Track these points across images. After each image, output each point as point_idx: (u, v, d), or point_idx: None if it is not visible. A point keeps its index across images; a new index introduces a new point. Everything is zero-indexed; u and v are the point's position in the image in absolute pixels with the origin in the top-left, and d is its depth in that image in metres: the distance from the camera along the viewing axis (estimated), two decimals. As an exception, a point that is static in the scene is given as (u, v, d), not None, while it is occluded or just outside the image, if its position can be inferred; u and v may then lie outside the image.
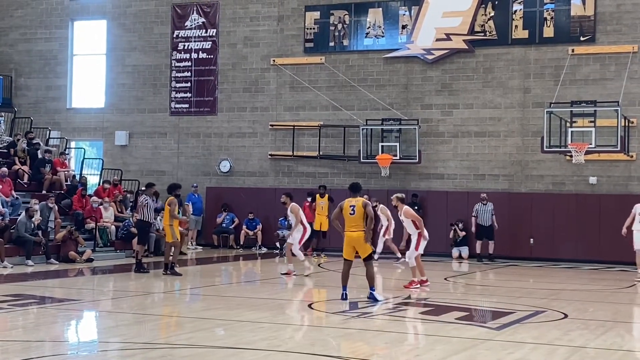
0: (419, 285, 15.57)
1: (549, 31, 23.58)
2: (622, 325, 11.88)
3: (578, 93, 22.91)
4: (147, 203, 18.43)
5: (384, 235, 21.32)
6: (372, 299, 13.33)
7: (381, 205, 21.13)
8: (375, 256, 20.76)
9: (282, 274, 17.84)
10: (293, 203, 18.17)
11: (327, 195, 23.45)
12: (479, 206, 22.88)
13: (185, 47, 27.33)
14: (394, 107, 24.81)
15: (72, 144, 28.00)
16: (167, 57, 27.55)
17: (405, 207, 15.83)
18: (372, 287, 13.48)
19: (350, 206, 13.37)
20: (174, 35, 27.47)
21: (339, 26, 25.64)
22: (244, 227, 25.41)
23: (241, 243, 25.35)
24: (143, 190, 21.07)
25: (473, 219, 22.92)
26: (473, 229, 22.94)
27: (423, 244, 15.75)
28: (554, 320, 11.90)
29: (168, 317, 12.12)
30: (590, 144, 20.50)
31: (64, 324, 11.38)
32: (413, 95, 24.89)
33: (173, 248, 17.47)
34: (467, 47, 24.32)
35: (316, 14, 25.90)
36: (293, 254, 17.85)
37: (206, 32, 27.12)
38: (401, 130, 24.20)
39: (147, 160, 27.65)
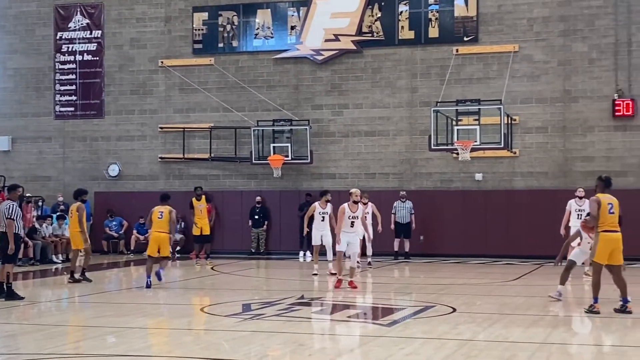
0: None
1: (434, 32, 24.09)
2: (508, 317, 12.23)
3: (463, 92, 23.49)
4: (14, 210, 13.99)
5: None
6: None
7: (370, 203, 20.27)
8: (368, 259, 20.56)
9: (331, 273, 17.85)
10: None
11: (204, 197, 22.84)
12: (398, 203, 22.95)
13: (70, 49, 26.64)
14: (285, 108, 24.86)
15: (-49, 151, 26.91)
16: (50, 60, 26.79)
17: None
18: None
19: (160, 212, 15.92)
20: (57, 37, 26.74)
21: (228, 27, 25.50)
22: (135, 231, 24.96)
23: (132, 248, 24.90)
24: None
25: (392, 216, 22.97)
26: (392, 226, 22.94)
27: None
28: (443, 315, 12.15)
29: (55, 327, 11.77)
30: (476, 142, 21.08)
31: (-57, 338, 10.89)
32: (303, 95, 25.00)
33: (83, 254, 17.26)
34: (355, 48, 24.59)
35: (204, 15, 25.68)
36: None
37: (91, 33, 26.51)
38: (292, 130, 24.26)
39: (32, 165, 26.83)
